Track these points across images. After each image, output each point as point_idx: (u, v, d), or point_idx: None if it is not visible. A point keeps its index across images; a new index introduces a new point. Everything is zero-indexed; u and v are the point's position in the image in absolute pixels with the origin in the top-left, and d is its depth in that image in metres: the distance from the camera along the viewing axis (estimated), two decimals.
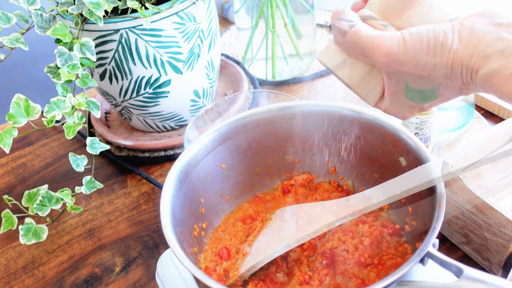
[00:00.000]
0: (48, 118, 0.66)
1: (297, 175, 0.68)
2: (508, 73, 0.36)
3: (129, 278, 0.70)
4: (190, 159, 0.60)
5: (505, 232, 0.58)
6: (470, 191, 0.60)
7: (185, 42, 0.76)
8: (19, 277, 0.72)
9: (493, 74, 0.37)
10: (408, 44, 0.41)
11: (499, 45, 0.37)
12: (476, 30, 0.39)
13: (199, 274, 0.47)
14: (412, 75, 0.43)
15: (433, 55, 0.40)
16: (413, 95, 0.45)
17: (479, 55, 0.38)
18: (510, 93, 0.37)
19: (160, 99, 0.81)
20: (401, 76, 0.44)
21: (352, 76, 0.47)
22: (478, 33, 0.38)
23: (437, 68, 0.40)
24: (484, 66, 0.38)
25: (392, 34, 0.42)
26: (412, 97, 0.46)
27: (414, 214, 0.57)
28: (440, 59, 0.40)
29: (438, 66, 0.40)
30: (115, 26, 0.72)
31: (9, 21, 0.68)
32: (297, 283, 0.56)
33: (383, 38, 0.42)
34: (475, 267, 0.52)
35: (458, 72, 0.39)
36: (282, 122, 0.64)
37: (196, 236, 0.60)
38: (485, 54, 0.38)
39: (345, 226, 0.61)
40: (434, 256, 0.46)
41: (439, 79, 0.41)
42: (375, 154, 0.62)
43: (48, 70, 0.68)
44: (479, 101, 0.85)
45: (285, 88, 0.98)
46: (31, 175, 0.89)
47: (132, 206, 0.80)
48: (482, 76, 0.38)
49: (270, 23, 0.91)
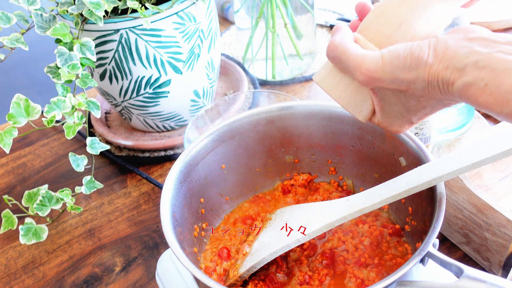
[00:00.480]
0: (48, 118, 0.66)
1: (297, 175, 0.68)
2: (483, 84, 0.38)
3: (129, 278, 0.70)
4: (190, 159, 0.60)
5: (505, 232, 0.58)
6: (470, 191, 0.60)
7: (185, 42, 0.76)
8: (19, 277, 0.72)
9: (468, 86, 0.39)
10: (386, 61, 0.43)
11: (473, 57, 0.39)
12: (450, 44, 0.41)
13: (199, 274, 0.47)
14: (393, 90, 0.45)
15: (409, 70, 0.42)
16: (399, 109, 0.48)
17: (454, 68, 0.40)
18: (486, 103, 0.39)
19: (160, 99, 0.81)
20: (385, 92, 0.47)
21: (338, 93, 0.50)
22: (452, 47, 0.40)
23: (415, 82, 0.42)
24: (459, 78, 0.39)
25: (372, 52, 0.44)
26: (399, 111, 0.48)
27: (414, 214, 0.57)
28: (417, 74, 0.42)
29: (415, 80, 0.42)
30: (115, 26, 0.72)
31: (9, 21, 0.68)
32: (297, 283, 0.56)
33: (362, 56, 0.44)
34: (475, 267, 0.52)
35: (435, 84, 0.41)
36: (282, 122, 0.64)
37: (196, 236, 0.60)
38: (460, 66, 0.39)
39: (345, 226, 0.61)
40: (434, 256, 0.46)
41: (419, 92, 0.43)
42: (375, 154, 0.62)
43: (48, 70, 0.68)
44: None
45: (285, 88, 0.98)
46: (31, 175, 0.89)
47: (132, 206, 0.80)
48: (458, 87, 0.40)
49: (270, 23, 0.91)
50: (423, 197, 0.53)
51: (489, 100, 0.38)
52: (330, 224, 0.53)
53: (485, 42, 0.40)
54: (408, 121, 0.49)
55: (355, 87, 0.49)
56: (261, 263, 0.54)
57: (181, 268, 0.61)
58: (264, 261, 0.54)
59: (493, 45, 0.39)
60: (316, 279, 0.56)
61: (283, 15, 0.91)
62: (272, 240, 0.56)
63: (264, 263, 0.54)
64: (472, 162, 0.47)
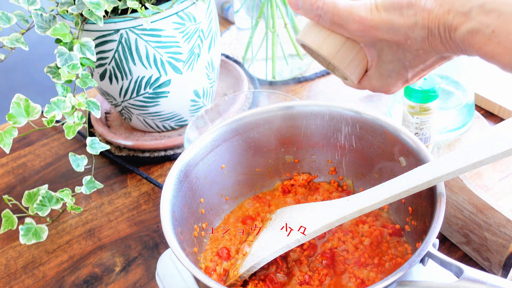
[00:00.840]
0: (48, 118, 0.66)
1: (297, 175, 0.68)
2: (490, 31, 0.34)
3: (129, 278, 0.70)
4: (190, 159, 0.60)
5: (505, 232, 0.58)
6: (470, 191, 0.60)
7: (185, 42, 0.76)
8: (19, 277, 0.72)
9: (473, 33, 0.35)
10: (380, 8, 0.40)
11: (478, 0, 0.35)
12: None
13: (199, 274, 0.47)
14: (390, 42, 0.42)
15: (406, 17, 0.39)
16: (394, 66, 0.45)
17: (457, 12, 0.36)
18: (492, 53, 0.35)
19: (160, 99, 0.81)
20: (381, 47, 0.44)
21: (329, 49, 0.46)
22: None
23: (413, 30, 0.39)
24: (463, 23, 0.36)
25: (365, 1, 0.42)
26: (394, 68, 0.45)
27: (414, 214, 0.57)
28: (415, 20, 0.38)
29: (413, 27, 0.39)
30: (115, 26, 0.72)
31: (9, 21, 0.68)
32: (297, 283, 0.56)
33: (356, 5, 0.42)
34: (475, 267, 0.52)
35: (436, 32, 0.38)
36: (282, 122, 0.64)
37: (196, 236, 0.60)
38: (464, 10, 0.35)
39: (345, 226, 0.61)
40: (434, 256, 0.46)
41: (418, 44, 0.40)
42: (375, 154, 0.62)
43: (48, 70, 0.68)
44: (479, 101, 0.85)
45: (285, 88, 0.98)
46: (31, 175, 0.89)
47: (132, 206, 0.80)
48: (462, 34, 0.36)
49: (270, 23, 0.91)
50: (423, 197, 0.53)
51: (496, 49, 0.34)
52: (330, 224, 0.53)
53: None
54: (403, 79, 0.45)
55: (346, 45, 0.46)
56: (261, 263, 0.54)
57: (181, 268, 0.61)
58: (264, 261, 0.54)
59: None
60: (316, 279, 0.56)
61: (283, 15, 0.91)
62: (272, 240, 0.56)
63: (264, 263, 0.54)
64: (472, 162, 0.47)
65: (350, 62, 0.46)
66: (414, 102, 0.70)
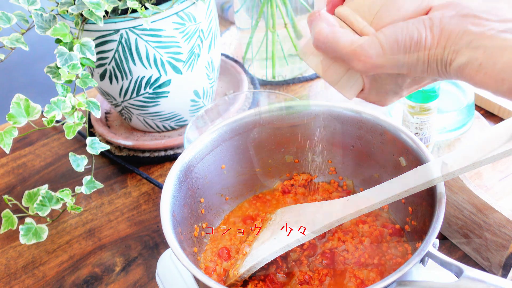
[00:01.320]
0: (48, 118, 0.66)
1: (297, 175, 0.68)
2: (478, 64, 0.39)
3: (129, 278, 0.70)
4: (190, 159, 0.60)
5: (505, 232, 0.58)
6: (470, 191, 0.60)
7: (185, 42, 0.76)
8: (19, 277, 0.72)
9: (464, 66, 0.40)
10: (385, 47, 0.42)
11: (467, 38, 0.40)
12: (445, 25, 0.41)
13: (199, 274, 0.47)
14: (391, 73, 0.46)
15: (410, 55, 0.42)
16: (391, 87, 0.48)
17: (450, 50, 0.41)
18: (482, 82, 0.40)
19: (160, 99, 0.81)
20: (380, 75, 0.47)
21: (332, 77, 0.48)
22: (446, 28, 0.41)
23: (416, 65, 0.43)
24: (455, 59, 0.40)
25: (368, 39, 0.43)
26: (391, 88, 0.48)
27: (414, 214, 0.57)
28: (417, 57, 0.42)
29: (416, 63, 0.43)
30: (115, 26, 0.72)
31: (9, 21, 0.68)
32: (297, 283, 0.56)
33: (361, 47, 0.43)
34: (475, 267, 0.52)
35: (434, 66, 0.42)
36: (282, 122, 0.64)
37: (196, 236, 0.60)
38: (455, 48, 0.40)
39: (345, 226, 0.61)
40: (434, 256, 0.46)
41: (417, 74, 0.44)
42: (375, 154, 0.62)
43: (48, 70, 0.68)
44: (479, 101, 0.85)
45: (285, 88, 0.98)
46: (31, 175, 0.89)
47: (132, 206, 0.80)
48: (455, 68, 0.41)
49: (270, 23, 0.91)
50: (423, 197, 0.53)
51: (484, 79, 0.39)
52: (330, 224, 0.53)
53: (477, 20, 0.40)
54: (398, 95, 0.49)
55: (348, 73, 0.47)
56: (261, 263, 0.54)
57: (181, 268, 0.61)
58: (264, 261, 0.54)
59: (485, 24, 0.40)
60: (316, 279, 0.56)
61: (283, 15, 0.91)
62: (272, 240, 0.56)
63: (264, 263, 0.54)
64: (472, 162, 0.47)
65: (351, 87, 0.48)
66: (414, 102, 0.70)
